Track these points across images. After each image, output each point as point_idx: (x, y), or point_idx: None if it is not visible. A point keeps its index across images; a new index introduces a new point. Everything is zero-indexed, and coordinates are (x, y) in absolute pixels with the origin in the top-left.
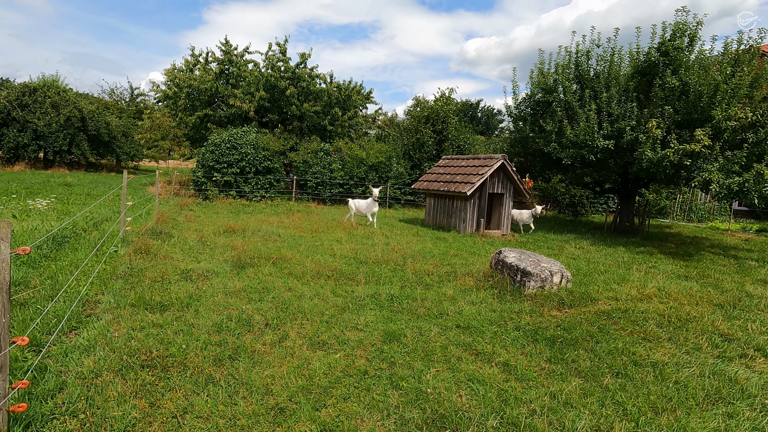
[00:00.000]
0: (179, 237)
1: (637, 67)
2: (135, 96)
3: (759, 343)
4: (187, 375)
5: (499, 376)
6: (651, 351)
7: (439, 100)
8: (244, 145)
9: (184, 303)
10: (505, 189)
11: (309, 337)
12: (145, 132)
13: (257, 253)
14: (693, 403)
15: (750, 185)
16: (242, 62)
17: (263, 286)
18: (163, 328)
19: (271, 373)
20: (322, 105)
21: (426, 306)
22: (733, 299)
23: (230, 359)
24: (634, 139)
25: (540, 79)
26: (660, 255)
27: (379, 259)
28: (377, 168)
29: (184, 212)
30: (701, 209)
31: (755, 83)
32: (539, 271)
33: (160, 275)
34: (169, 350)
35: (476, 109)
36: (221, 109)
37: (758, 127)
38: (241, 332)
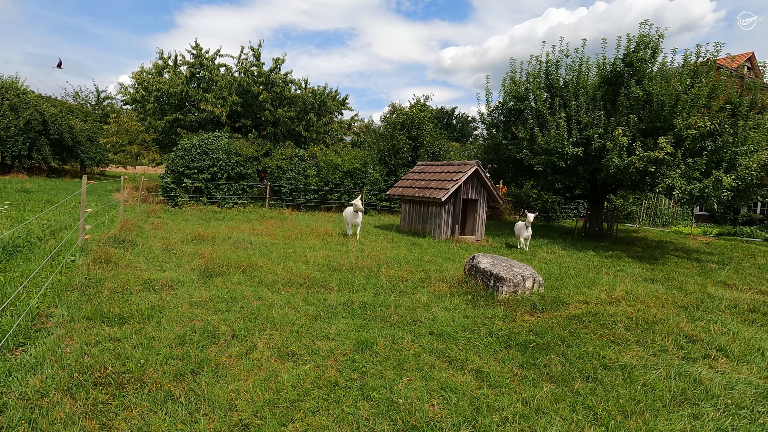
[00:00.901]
0: (144, 245)
1: (603, 77)
2: (101, 99)
3: (721, 344)
4: (145, 392)
5: (471, 384)
6: (620, 354)
7: (414, 107)
8: (216, 151)
9: (145, 315)
10: (479, 195)
11: (278, 348)
12: (111, 136)
13: (226, 261)
14: (660, 405)
15: (710, 191)
16: (214, 66)
17: (231, 296)
18: (121, 342)
19: (236, 387)
20: (297, 110)
21: (399, 313)
22: (696, 301)
23: (192, 374)
24: (601, 147)
25: (512, 87)
26: (628, 258)
27: (352, 266)
28: (352, 174)
29: (151, 219)
30: (665, 214)
31: (713, 94)
32: (512, 276)
33: (121, 286)
34: (126, 366)
35: (451, 117)
36: (192, 114)
37: (716, 135)
38: (205, 345)
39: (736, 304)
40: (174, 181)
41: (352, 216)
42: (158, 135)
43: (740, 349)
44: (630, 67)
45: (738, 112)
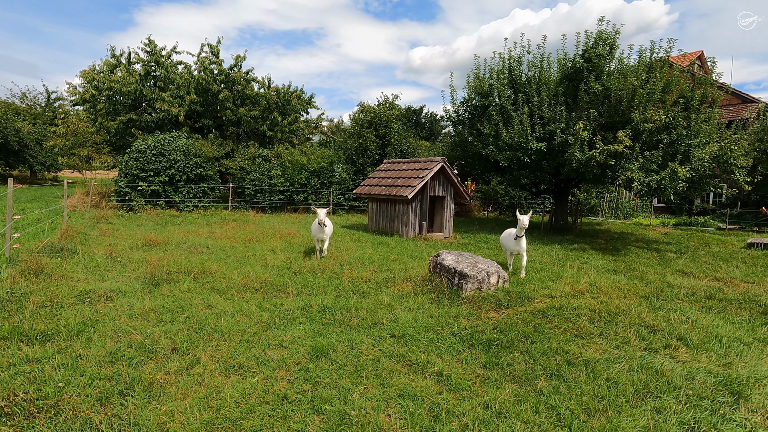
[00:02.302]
0: (85, 253)
1: (564, 73)
2: (52, 100)
3: (681, 333)
4: (59, 421)
5: (432, 389)
6: (584, 348)
7: (382, 105)
8: (173, 152)
9: (74, 331)
10: (446, 192)
11: (223, 360)
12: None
13: (176, 267)
14: (623, 401)
15: (666, 182)
16: (170, 64)
17: (178, 305)
18: (41, 364)
19: (170, 408)
20: (260, 110)
21: (360, 316)
22: (656, 290)
23: (120, 395)
24: (564, 141)
25: (477, 84)
26: (591, 251)
27: (314, 268)
28: (319, 174)
29: (100, 225)
30: (626, 207)
31: (667, 88)
32: (476, 273)
33: (50, 299)
34: (42, 391)
35: (420, 115)
36: (148, 114)
37: (671, 128)
38: (140, 361)
39: (694, 291)
40: (128, 185)
41: (317, 230)
42: (111, 137)
43: (699, 338)
44: (589, 63)
45: (690, 105)
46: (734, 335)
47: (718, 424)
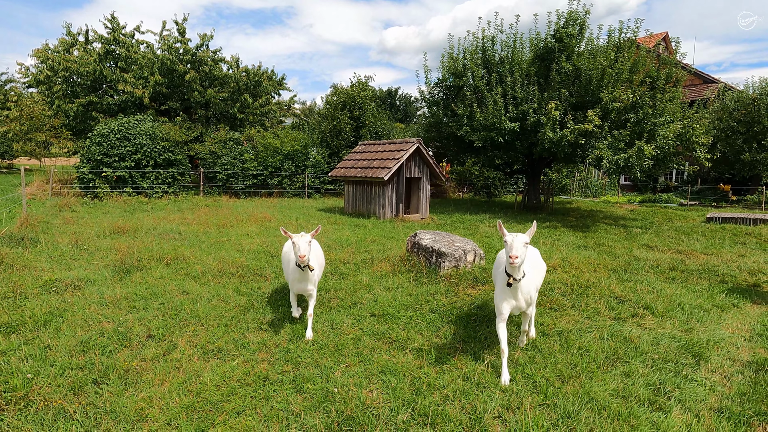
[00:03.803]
0: (48, 242)
1: (536, 53)
2: (2, 83)
3: (647, 302)
4: (30, 412)
5: (412, 364)
6: (557, 320)
7: (355, 86)
8: (139, 136)
9: (40, 321)
10: (422, 173)
11: (201, 345)
12: (11, 123)
13: (148, 254)
14: (595, 367)
15: (633, 160)
16: (132, 43)
17: (151, 292)
18: (6, 356)
19: (148, 395)
20: (230, 91)
21: (340, 297)
22: (624, 263)
23: (94, 384)
24: (536, 121)
25: (451, 64)
26: (563, 228)
27: None
28: (293, 157)
29: (63, 214)
30: (595, 186)
31: (634, 68)
32: (453, 251)
33: (12, 290)
34: (9, 383)
35: (395, 97)
36: (110, 96)
37: (638, 108)
38: (114, 349)
39: (658, 264)
40: (92, 171)
41: (296, 275)
42: (70, 120)
43: (663, 306)
44: (560, 43)
45: (656, 85)
46: (695, 303)
47: (681, 384)
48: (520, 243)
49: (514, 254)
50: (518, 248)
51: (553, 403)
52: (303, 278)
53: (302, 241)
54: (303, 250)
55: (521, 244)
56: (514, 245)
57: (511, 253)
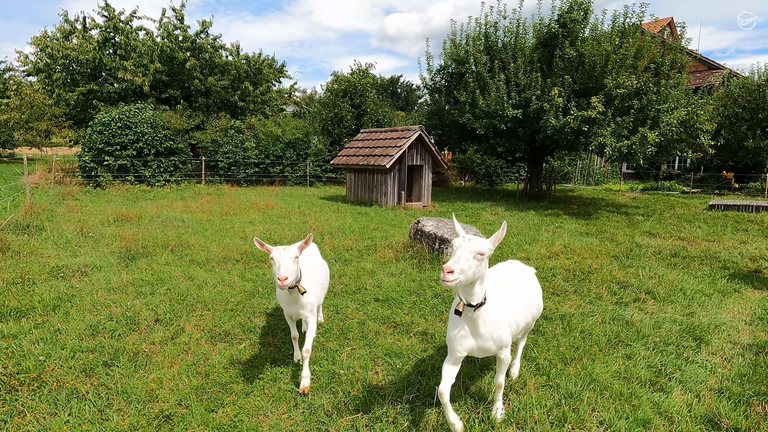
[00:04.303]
0: (54, 230)
1: (540, 39)
2: (1, 72)
3: (649, 287)
4: (44, 393)
5: (417, 347)
6: (559, 304)
7: (356, 73)
8: (140, 124)
9: (49, 306)
10: (424, 160)
11: (209, 329)
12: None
13: (152, 241)
14: (597, 350)
15: (636, 147)
16: (130, 30)
17: (157, 278)
18: (18, 339)
19: (158, 376)
20: (230, 79)
21: (344, 282)
22: (626, 250)
23: (105, 366)
24: (539, 108)
25: (453, 51)
26: (565, 216)
27: (295, 239)
28: (295, 145)
29: (67, 202)
30: (597, 173)
31: (638, 54)
32: None
33: (21, 276)
34: (22, 365)
35: (396, 85)
36: (110, 84)
37: (642, 94)
38: (123, 333)
39: (660, 250)
40: (93, 160)
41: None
42: (71, 109)
43: (665, 291)
44: (564, 28)
45: (660, 71)
46: (697, 288)
47: (682, 366)
48: (467, 251)
49: (448, 267)
50: (462, 257)
51: (556, 384)
52: (292, 301)
53: (284, 258)
54: (285, 270)
55: (469, 253)
56: (458, 252)
57: (445, 265)
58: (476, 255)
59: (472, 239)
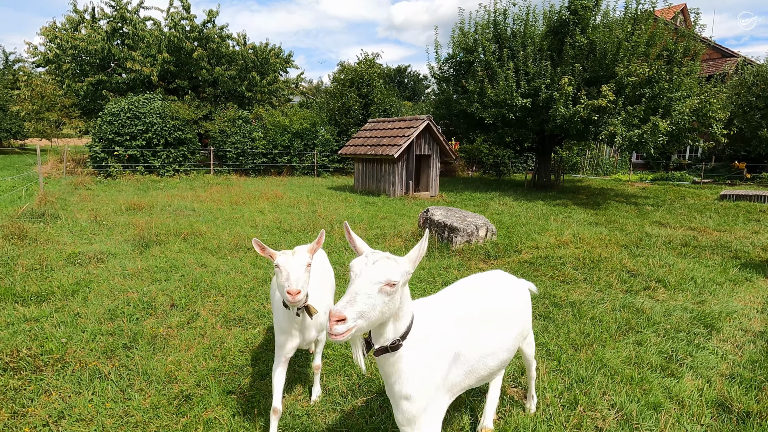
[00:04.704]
0: (68, 218)
1: (550, 26)
2: (11, 63)
3: (659, 275)
4: (67, 373)
5: None
6: (569, 292)
7: (363, 63)
8: (149, 114)
9: (68, 291)
10: (432, 150)
11: (223, 314)
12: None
13: (165, 229)
14: (607, 336)
15: (647, 136)
16: (138, 20)
17: (171, 265)
18: (39, 322)
19: (176, 359)
20: (237, 69)
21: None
22: (635, 240)
23: (125, 348)
24: (549, 97)
25: (461, 39)
26: (573, 206)
27: (305, 227)
28: (302, 135)
29: (79, 191)
30: (606, 164)
31: (651, 41)
32: (465, 226)
33: (39, 262)
34: (45, 347)
35: (403, 75)
36: (118, 75)
37: (654, 82)
38: (140, 317)
39: (671, 240)
40: (104, 150)
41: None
42: (80, 99)
43: (676, 280)
44: (575, 15)
45: (673, 59)
46: (708, 277)
47: (693, 352)
48: (368, 283)
49: (337, 311)
50: (360, 292)
51: (567, 369)
52: (301, 327)
53: (294, 265)
54: (296, 280)
55: (372, 285)
56: (356, 284)
57: (334, 308)
58: (384, 287)
59: (378, 262)
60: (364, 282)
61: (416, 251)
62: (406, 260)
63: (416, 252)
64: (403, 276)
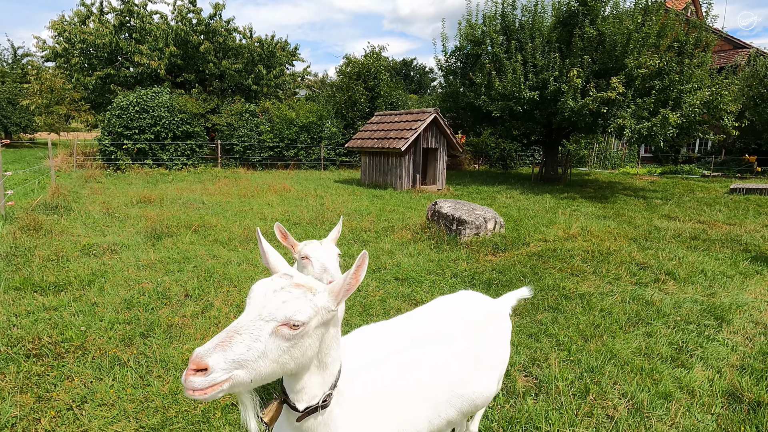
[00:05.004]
0: (81, 210)
1: (559, 18)
2: (19, 57)
3: (669, 268)
4: (88, 360)
5: None
6: (578, 284)
7: (369, 56)
8: (157, 108)
9: (85, 281)
10: (439, 143)
11: (237, 304)
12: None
13: (176, 221)
14: (617, 327)
15: (657, 129)
16: (145, 13)
17: (183, 256)
18: (58, 311)
19: (192, 347)
20: (244, 62)
21: None
22: (644, 233)
23: (142, 337)
24: (557, 90)
25: (468, 31)
26: (581, 199)
27: (313, 220)
28: (309, 129)
29: (90, 185)
30: (614, 157)
31: (662, 32)
32: (474, 219)
33: (55, 253)
34: (65, 334)
35: (409, 68)
36: (126, 69)
37: (664, 74)
38: (156, 306)
39: (680, 233)
40: (113, 143)
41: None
42: (89, 93)
43: (686, 272)
44: (584, 6)
45: (684, 50)
46: (718, 270)
47: (704, 344)
48: (257, 321)
49: (198, 357)
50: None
51: (577, 359)
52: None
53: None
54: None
55: (264, 324)
56: (242, 320)
57: (197, 350)
58: (280, 328)
59: (281, 291)
60: (251, 317)
61: (346, 280)
62: (326, 293)
63: (345, 281)
64: (318, 315)
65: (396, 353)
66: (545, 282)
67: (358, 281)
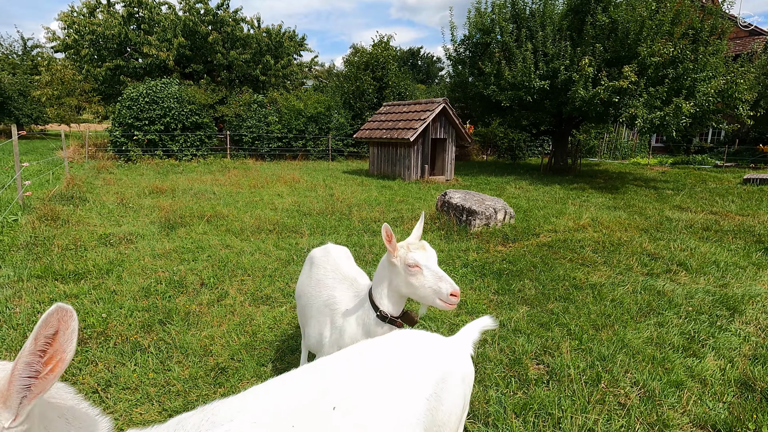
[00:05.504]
0: (96, 201)
1: (570, 5)
2: (29, 48)
3: (680, 259)
4: (110, 345)
5: (448, 313)
6: (589, 275)
7: (377, 46)
8: (166, 99)
9: (103, 270)
10: (448, 134)
11: (251, 293)
12: (45, 87)
13: (189, 212)
14: (628, 317)
15: (670, 119)
16: (153, 4)
17: (197, 246)
18: (79, 299)
19: (209, 334)
20: (252, 53)
21: (374, 252)
22: (655, 223)
23: (161, 324)
24: (567, 79)
25: (477, 20)
26: (591, 190)
27: (323, 210)
28: (317, 119)
29: (102, 175)
30: (625, 147)
31: (676, 19)
32: (484, 209)
33: (73, 242)
34: (87, 321)
35: (417, 57)
36: (135, 60)
37: (677, 62)
38: (173, 295)
39: (692, 224)
40: (123, 135)
41: (358, 329)
42: (99, 84)
43: (698, 263)
44: None
45: (699, 38)
46: (730, 260)
47: (716, 334)
48: None
49: None
50: None
51: (588, 348)
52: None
53: (436, 262)
54: (443, 275)
55: None
56: None
57: None
58: None
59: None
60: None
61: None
62: None
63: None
64: None
65: None
66: (556, 272)
67: None
